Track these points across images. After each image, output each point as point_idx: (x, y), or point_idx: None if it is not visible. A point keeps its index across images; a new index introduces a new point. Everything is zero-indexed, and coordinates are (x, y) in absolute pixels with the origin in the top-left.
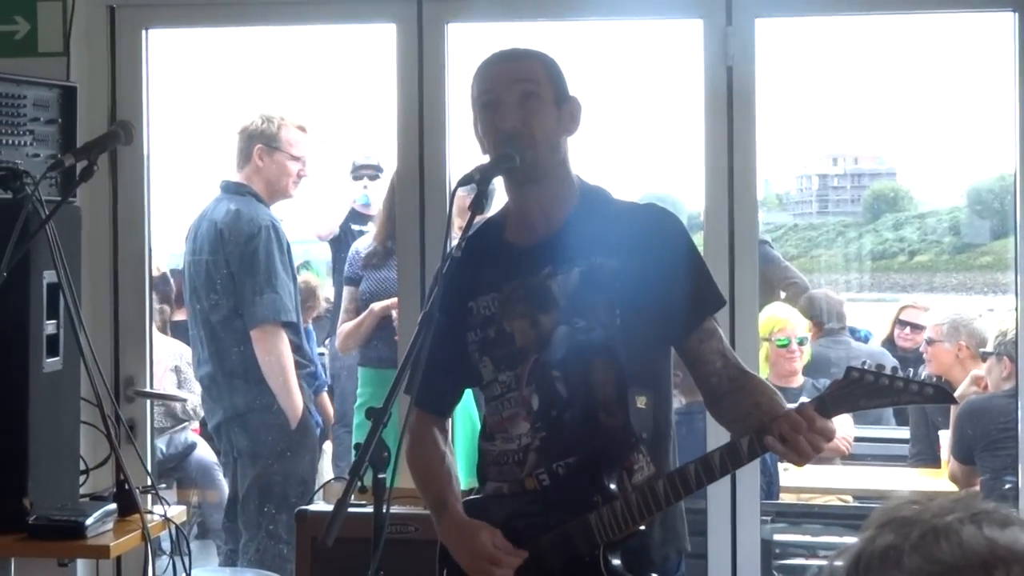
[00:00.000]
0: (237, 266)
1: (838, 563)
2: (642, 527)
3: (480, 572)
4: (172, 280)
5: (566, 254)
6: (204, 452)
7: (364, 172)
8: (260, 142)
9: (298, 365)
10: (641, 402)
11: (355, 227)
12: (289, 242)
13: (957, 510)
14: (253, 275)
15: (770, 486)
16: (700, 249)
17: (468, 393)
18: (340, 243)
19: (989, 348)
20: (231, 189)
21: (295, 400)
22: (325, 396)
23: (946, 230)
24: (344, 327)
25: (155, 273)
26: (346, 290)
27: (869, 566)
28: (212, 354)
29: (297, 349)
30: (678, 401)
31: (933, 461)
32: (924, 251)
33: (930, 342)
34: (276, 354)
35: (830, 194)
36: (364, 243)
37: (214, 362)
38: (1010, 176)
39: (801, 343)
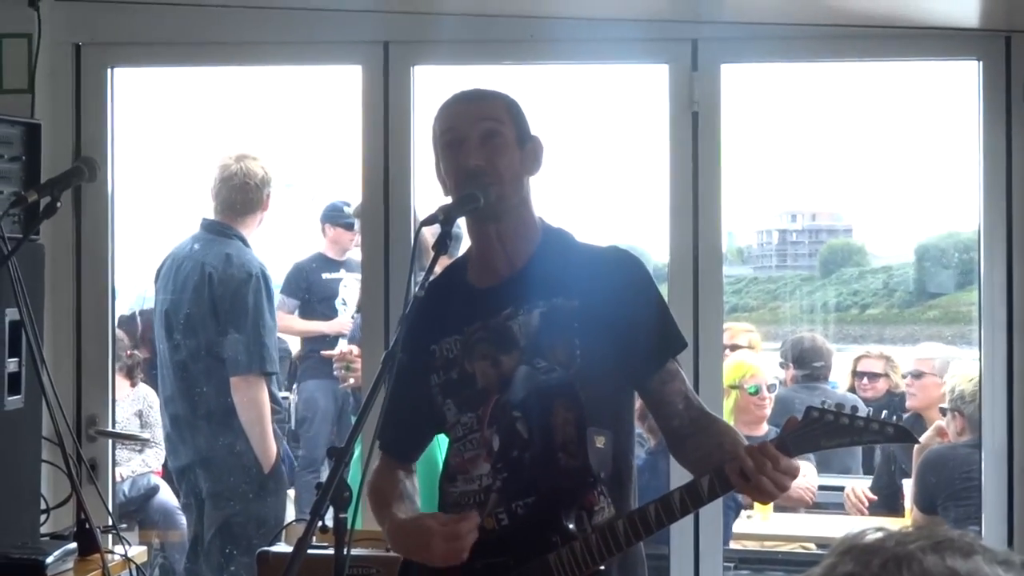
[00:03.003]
0: (224, 310)
1: None
2: (602, 567)
3: (438, 552)
4: (140, 321)
5: (527, 295)
6: (167, 495)
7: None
8: (270, 186)
9: (272, 411)
10: (599, 442)
11: (326, 275)
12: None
13: (920, 538)
14: (240, 322)
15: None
16: (665, 296)
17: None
18: None
19: (945, 404)
20: (215, 230)
21: (270, 448)
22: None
23: (897, 285)
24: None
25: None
26: None
27: None
28: (182, 394)
29: (271, 396)
30: (649, 442)
31: (895, 510)
32: (875, 305)
33: (918, 375)
34: (256, 404)
35: (789, 249)
36: None
37: (183, 402)
38: (959, 234)
39: (771, 389)
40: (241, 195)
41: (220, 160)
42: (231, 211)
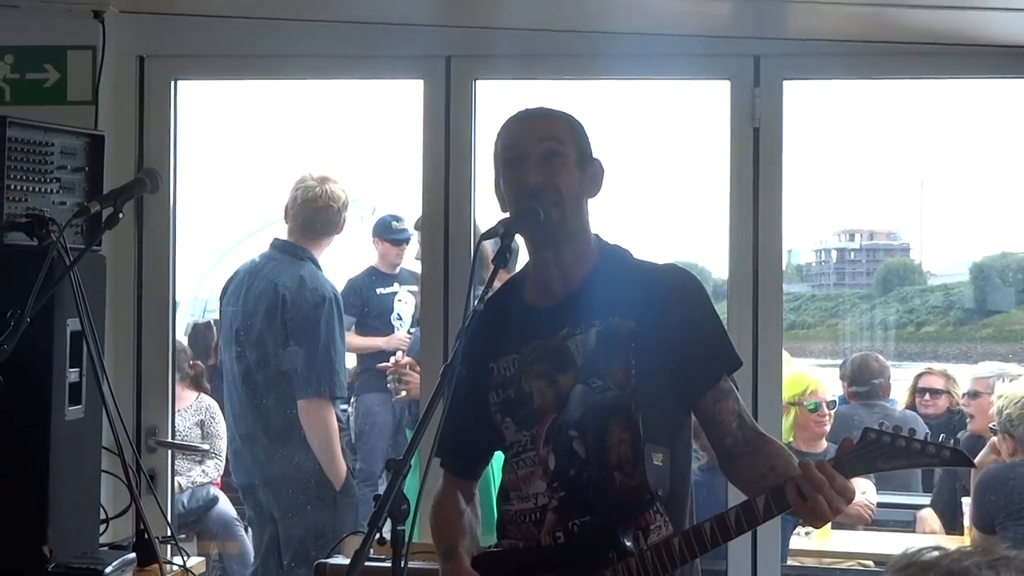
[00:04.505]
0: (296, 332)
1: None
2: None
3: None
4: (215, 328)
5: (584, 314)
6: (225, 506)
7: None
8: (347, 210)
9: (340, 430)
10: (657, 459)
11: (380, 290)
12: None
13: (976, 555)
14: (311, 345)
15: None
16: (723, 313)
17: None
18: None
19: (994, 424)
20: (288, 250)
21: (339, 467)
22: None
23: (953, 303)
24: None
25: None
26: None
27: None
28: (253, 413)
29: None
30: (703, 457)
31: (955, 529)
32: (931, 323)
33: (975, 395)
34: (324, 426)
35: (847, 267)
36: None
37: (255, 421)
38: (1014, 253)
39: (831, 406)
40: (322, 217)
41: (301, 181)
42: (308, 232)
